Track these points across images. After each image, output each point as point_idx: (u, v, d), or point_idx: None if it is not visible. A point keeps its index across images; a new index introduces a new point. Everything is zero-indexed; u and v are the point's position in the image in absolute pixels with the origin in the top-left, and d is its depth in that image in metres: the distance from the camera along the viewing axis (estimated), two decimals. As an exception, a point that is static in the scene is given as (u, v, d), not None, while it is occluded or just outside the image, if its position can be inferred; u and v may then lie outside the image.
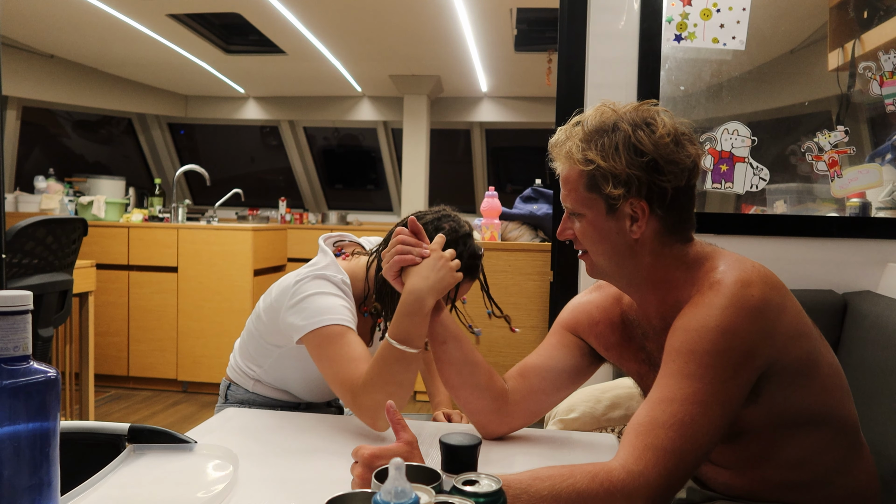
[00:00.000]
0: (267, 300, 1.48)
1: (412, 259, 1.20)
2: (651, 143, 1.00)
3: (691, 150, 1.03)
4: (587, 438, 1.36)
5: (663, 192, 1.01)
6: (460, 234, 1.40)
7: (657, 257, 1.06)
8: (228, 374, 1.60)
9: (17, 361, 0.69)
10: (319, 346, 1.33)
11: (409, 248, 1.21)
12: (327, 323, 1.32)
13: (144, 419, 3.66)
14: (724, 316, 0.94)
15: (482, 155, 6.95)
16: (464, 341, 1.23)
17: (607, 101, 1.06)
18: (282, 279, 1.47)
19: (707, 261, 1.05)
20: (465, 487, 0.71)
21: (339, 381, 1.28)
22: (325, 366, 1.32)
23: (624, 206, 1.02)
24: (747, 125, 2.07)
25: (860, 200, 2.05)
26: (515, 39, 4.59)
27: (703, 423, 0.90)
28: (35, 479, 0.70)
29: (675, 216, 1.04)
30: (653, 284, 1.08)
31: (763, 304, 0.96)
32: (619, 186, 1.00)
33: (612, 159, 1.00)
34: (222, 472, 1.05)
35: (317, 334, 1.32)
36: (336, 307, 1.36)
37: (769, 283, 0.99)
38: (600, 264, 1.09)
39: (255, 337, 1.52)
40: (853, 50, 2.05)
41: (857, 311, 1.77)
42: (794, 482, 1.07)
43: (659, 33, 2.07)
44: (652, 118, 1.03)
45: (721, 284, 0.97)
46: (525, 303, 2.78)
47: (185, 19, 4.52)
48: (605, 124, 1.03)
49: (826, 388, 1.04)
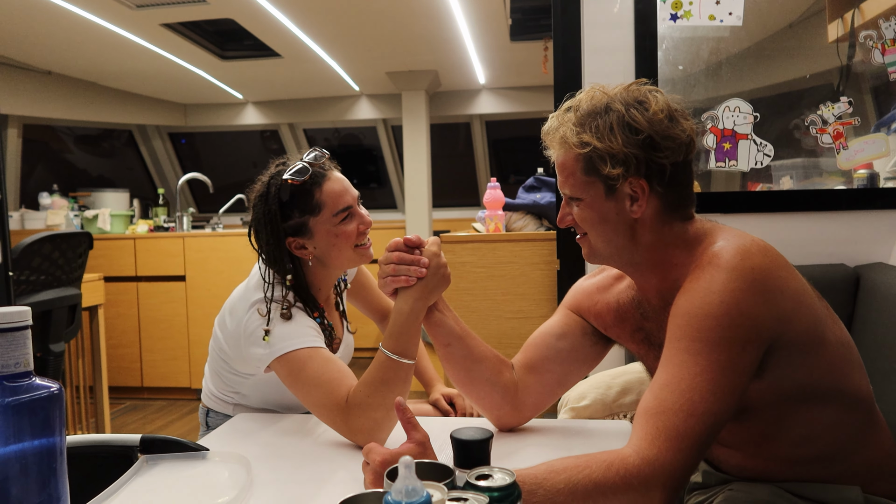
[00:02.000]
0: (224, 329, 1.42)
1: (406, 281, 1.16)
2: (646, 120, 0.99)
3: (686, 125, 1.02)
4: (600, 426, 1.35)
5: (662, 168, 1.01)
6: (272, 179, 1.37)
7: (658, 236, 1.05)
8: (205, 402, 1.54)
9: (19, 378, 0.69)
10: (290, 374, 1.27)
11: (406, 268, 1.16)
12: (286, 350, 1.27)
13: (160, 429, 3.67)
14: (725, 291, 0.93)
15: (483, 147, 6.93)
16: (467, 339, 1.21)
17: (597, 85, 1.06)
18: (232, 305, 1.40)
19: (706, 237, 1.04)
20: (479, 482, 0.70)
21: (322, 405, 1.21)
22: (302, 393, 1.25)
23: (623, 186, 1.02)
24: (749, 102, 2.05)
25: (867, 171, 2.02)
26: (510, 29, 4.56)
27: (713, 401, 0.89)
28: (44, 496, 0.70)
29: (674, 193, 1.04)
30: (653, 264, 1.07)
31: (763, 275, 0.95)
32: (617, 166, 1.00)
33: (607, 139, 1.00)
34: (236, 478, 1.05)
35: (283, 361, 1.27)
36: (293, 331, 1.30)
37: (768, 254, 0.98)
38: (599, 247, 1.08)
39: (224, 367, 1.45)
40: (853, 19, 2.02)
41: (870, 283, 1.75)
42: (807, 458, 1.05)
43: (654, 13, 2.05)
44: (644, 96, 1.02)
45: (720, 258, 0.96)
46: (532, 292, 2.77)
47: (179, 28, 4.51)
48: (598, 106, 1.02)
49: (834, 362, 1.03)
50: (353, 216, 1.39)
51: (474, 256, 2.85)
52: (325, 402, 1.21)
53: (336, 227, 1.37)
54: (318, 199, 1.36)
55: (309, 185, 1.36)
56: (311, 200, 1.36)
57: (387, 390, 1.16)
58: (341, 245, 1.38)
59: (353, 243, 1.39)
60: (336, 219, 1.37)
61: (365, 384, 1.18)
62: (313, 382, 1.23)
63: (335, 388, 1.20)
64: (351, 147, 7.58)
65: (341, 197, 1.37)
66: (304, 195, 1.36)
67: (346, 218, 1.38)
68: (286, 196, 1.35)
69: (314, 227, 1.37)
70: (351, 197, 1.39)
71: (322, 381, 1.22)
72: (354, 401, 1.17)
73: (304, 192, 1.36)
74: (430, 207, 6.15)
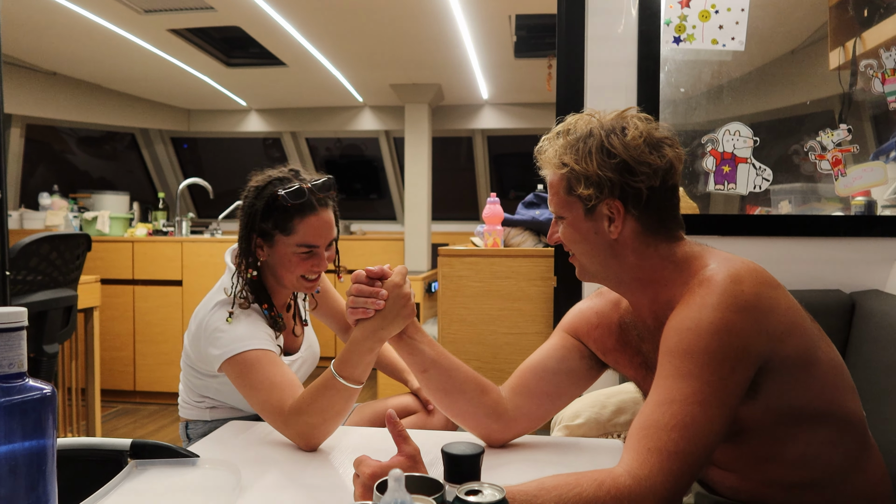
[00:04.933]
0: (189, 333, 1.48)
1: (364, 313, 1.18)
2: (622, 145, 1.04)
3: (667, 152, 1.06)
4: (593, 444, 1.35)
5: (637, 192, 1.04)
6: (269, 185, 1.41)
7: (642, 257, 1.08)
8: (182, 415, 1.58)
9: (13, 379, 0.69)
10: (239, 375, 1.31)
11: (364, 300, 1.17)
12: (238, 351, 1.31)
13: (151, 433, 3.65)
14: (716, 314, 0.94)
15: (484, 162, 6.95)
16: (445, 363, 1.22)
17: (591, 110, 1.11)
18: (197, 310, 1.46)
19: (696, 259, 1.06)
20: (468, 497, 0.70)
21: (265, 408, 1.25)
22: (248, 394, 1.29)
23: (601, 207, 1.06)
24: (749, 126, 2.06)
25: (865, 199, 2.03)
26: (515, 46, 4.59)
27: (704, 422, 0.90)
28: (32, 498, 0.69)
29: (653, 216, 1.07)
30: (642, 284, 1.09)
31: (755, 300, 0.96)
32: (590, 187, 1.04)
33: (584, 162, 1.05)
34: (226, 485, 1.04)
35: (233, 362, 1.31)
36: (246, 332, 1.34)
37: (760, 278, 0.99)
38: (586, 265, 1.12)
39: (191, 372, 1.51)
40: (854, 48, 2.03)
41: (865, 310, 1.75)
42: (800, 482, 1.05)
43: (657, 36, 2.07)
44: (626, 122, 1.07)
45: (711, 281, 0.98)
46: (529, 308, 2.77)
47: (185, 34, 4.54)
48: (583, 131, 1.07)
49: (826, 383, 1.03)
50: (313, 255, 1.44)
51: (471, 271, 2.85)
52: (268, 405, 1.25)
53: (294, 254, 1.42)
54: (293, 225, 1.41)
55: (293, 210, 1.40)
56: (289, 222, 1.41)
57: (327, 404, 1.19)
58: (289, 268, 1.44)
59: (300, 274, 1.44)
60: (298, 249, 1.42)
61: (308, 395, 1.20)
62: (258, 385, 1.27)
63: (279, 394, 1.24)
64: (352, 157, 7.60)
65: (314, 236, 1.43)
66: (285, 214, 1.41)
67: (306, 253, 1.43)
68: (273, 203, 1.41)
69: (277, 242, 1.43)
70: (323, 239, 1.44)
71: (267, 386, 1.26)
72: (294, 407, 1.21)
73: (287, 212, 1.41)
74: (430, 220, 6.16)
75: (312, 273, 1.45)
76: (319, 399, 1.19)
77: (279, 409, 1.22)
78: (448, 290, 2.89)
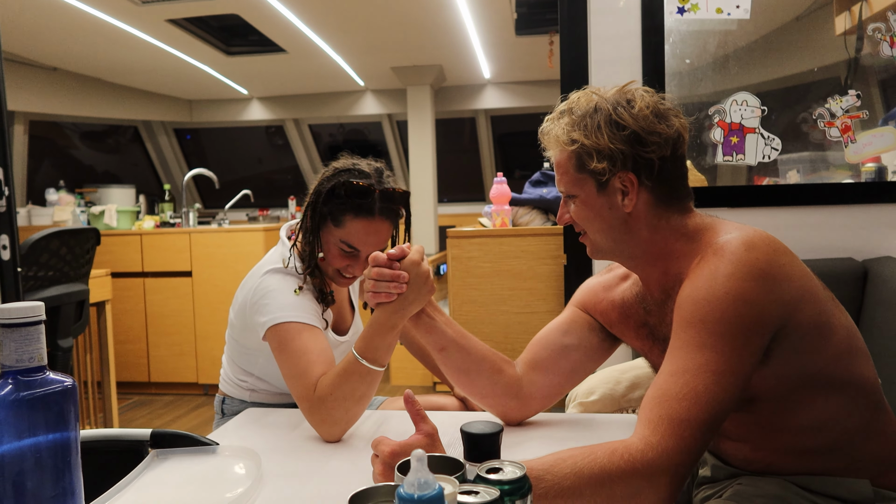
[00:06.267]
0: (235, 303, 1.47)
1: (387, 297, 1.16)
2: (631, 116, 1.04)
3: (674, 122, 1.06)
4: (608, 420, 1.35)
5: (650, 163, 1.04)
6: (339, 181, 1.38)
7: (654, 230, 1.07)
8: (222, 389, 1.58)
9: (34, 372, 0.69)
10: (279, 345, 1.31)
11: (385, 284, 1.15)
12: (283, 320, 1.31)
13: (168, 424, 3.69)
14: (731, 282, 0.94)
15: (489, 142, 6.93)
16: (462, 341, 1.22)
17: (591, 87, 1.10)
18: (244, 281, 1.46)
19: (708, 231, 1.06)
20: (490, 475, 0.70)
21: (294, 386, 1.25)
22: (284, 366, 1.29)
23: (613, 181, 1.06)
24: (756, 95, 2.04)
25: (875, 165, 2.01)
26: (516, 23, 4.55)
27: (717, 391, 0.90)
28: (58, 489, 0.70)
29: (666, 186, 1.07)
30: (653, 257, 1.09)
31: (769, 267, 0.95)
32: (603, 161, 1.04)
33: (594, 136, 1.04)
34: (246, 472, 1.05)
35: (275, 331, 1.31)
36: (293, 304, 1.34)
37: (773, 246, 0.99)
38: (599, 242, 1.11)
39: (235, 345, 1.51)
40: (860, 12, 2.00)
41: (878, 276, 1.74)
42: (813, 448, 1.05)
43: (661, 6, 2.04)
44: (631, 95, 1.07)
45: (725, 250, 0.97)
46: (540, 287, 2.77)
47: (184, 23, 4.51)
48: (588, 107, 1.07)
49: (839, 349, 1.03)
50: (353, 257, 1.41)
51: (481, 251, 2.85)
52: (297, 384, 1.24)
53: (335, 247, 1.41)
54: (344, 220, 1.38)
55: (350, 205, 1.37)
56: (342, 215, 1.38)
57: (349, 390, 1.18)
58: (328, 258, 1.42)
59: (337, 267, 1.43)
60: (341, 243, 1.40)
61: (330, 382, 1.20)
62: (292, 360, 1.27)
63: (309, 374, 1.23)
64: (356, 142, 7.58)
65: (358, 239, 1.39)
66: (342, 206, 1.38)
67: (346, 252, 1.41)
68: (337, 190, 1.38)
69: (327, 228, 1.42)
70: (368, 247, 1.40)
71: (303, 363, 1.25)
72: (319, 392, 1.20)
73: (344, 204, 1.38)
74: (436, 203, 6.15)
75: (348, 273, 1.43)
76: (343, 385, 1.18)
77: (307, 391, 1.22)
78: (458, 271, 2.89)
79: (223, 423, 1.41)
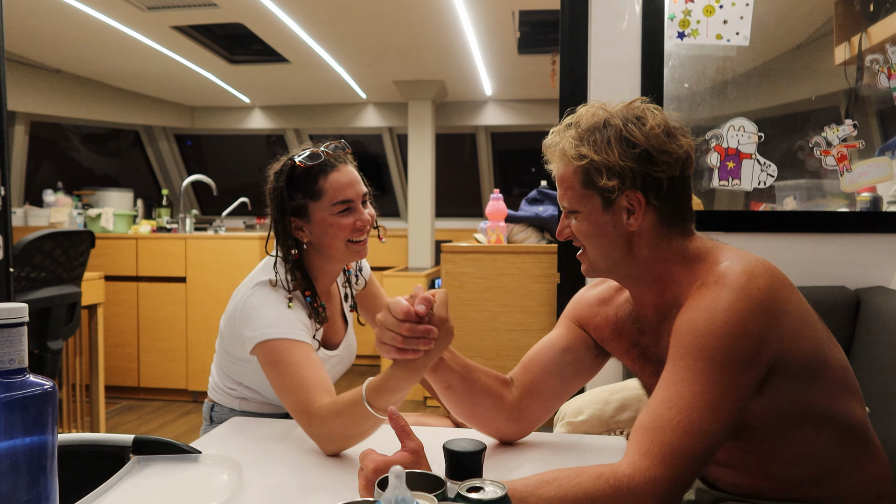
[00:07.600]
0: (225, 314, 1.45)
1: (416, 354, 1.06)
2: (642, 134, 1.01)
3: (683, 142, 1.04)
4: (596, 441, 1.34)
5: (658, 182, 1.03)
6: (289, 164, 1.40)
7: (656, 251, 1.06)
8: (211, 396, 1.56)
9: (13, 374, 0.69)
10: (269, 363, 1.28)
11: (415, 341, 1.04)
12: (271, 337, 1.28)
13: (155, 430, 3.66)
14: (730, 314, 0.92)
15: (488, 158, 6.94)
16: (468, 375, 1.18)
17: (597, 102, 1.09)
18: (236, 290, 1.44)
19: (709, 255, 1.04)
20: (470, 494, 0.70)
21: (291, 403, 1.23)
22: (276, 384, 1.27)
23: (620, 199, 1.03)
24: (754, 121, 2.05)
25: (871, 195, 2.02)
26: (518, 42, 4.58)
27: (711, 420, 0.89)
28: (33, 494, 0.69)
29: (672, 207, 1.05)
30: (651, 279, 1.08)
31: (770, 299, 0.94)
32: (613, 178, 1.01)
33: (604, 153, 1.02)
34: (227, 482, 1.04)
35: (264, 348, 1.29)
36: (280, 319, 1.31)
37: (774, 276, 0.98)
38: (597, 261, 1.09)
39: (225, 355, 1.49)
40: (860, 43, 2.02)
41: (871, 306, 1.74)
42: (800, 478, 1.05)
43: (661, 31, 2.06)
44: (642, 112, 1.05)
45: (726, 277, 0.96)
46: (533, 305, 2.76)
47: (189, 31, 4.53)
48: (597, 122, 1.04)
49: (832, 385, 1.03)
50: (352, 211, 1.40)
51: (475, 267, 2.85)
52: (294, 402, 1.22)
53: (332, 216, 1.39)
54: (321, 186, 1.39)
55: (315, 170, 1.39)
56: (314, 185, 1.39)
57: (350, 424, 1.15)
58: (334, 235, 1.40)
59: (346, 237, 1.40)
60: (334, 209, 1.39)
61: (334, 408, 1.17)
62: (287, 379, 1.24)
63: (304, 393, 1.21)
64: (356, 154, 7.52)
65: (343, 189, 1.39)
66: (308, 179, 1.39)
67: (343, 210, 1.40)
68: (293, 174, 1.40)
69: (312, 212, 1.40)
70: (354, 192, 1.41)
71: (295, 380, 1.23)
72: (319, 414, 1.18)
73: (309, 175, 1.39)
74: (433, 217, 6.15)
75: (357, 233, 1.41)
76: (344, 416, 1.15)
77: (305, 408, 1.20)
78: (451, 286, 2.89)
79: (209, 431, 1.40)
